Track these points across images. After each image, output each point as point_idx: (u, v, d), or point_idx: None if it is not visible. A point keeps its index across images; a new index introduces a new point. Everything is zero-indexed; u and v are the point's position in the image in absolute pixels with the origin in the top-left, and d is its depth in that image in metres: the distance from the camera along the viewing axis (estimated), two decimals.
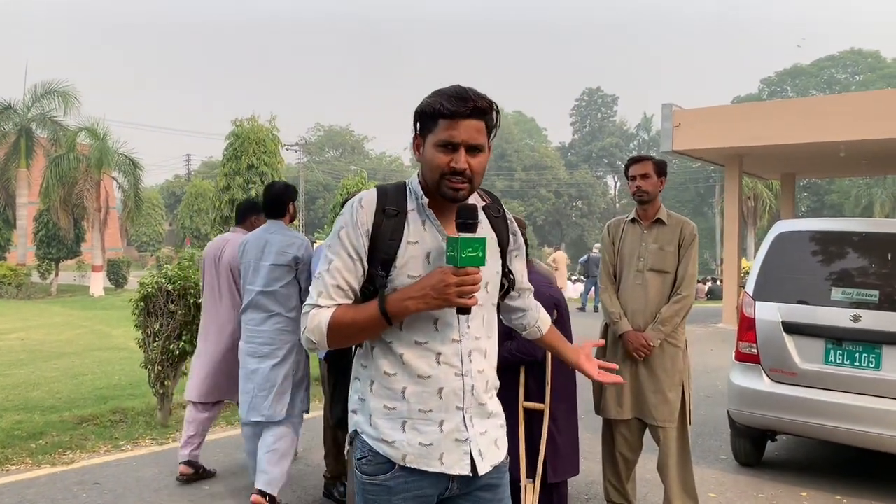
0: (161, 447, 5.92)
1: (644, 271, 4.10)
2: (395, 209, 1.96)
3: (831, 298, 5.06)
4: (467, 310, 1.88)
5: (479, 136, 1.90)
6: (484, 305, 2.00)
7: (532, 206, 66.12)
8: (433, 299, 1.84)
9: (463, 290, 1.81)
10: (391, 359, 1.95)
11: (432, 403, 1.94)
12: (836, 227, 5.49)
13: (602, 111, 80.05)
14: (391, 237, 1.94)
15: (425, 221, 1.97)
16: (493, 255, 2.04)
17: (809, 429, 5.01)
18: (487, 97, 1.91)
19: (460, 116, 1.87)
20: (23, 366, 11.23)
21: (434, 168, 1.91)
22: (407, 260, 1.93)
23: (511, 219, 2.19)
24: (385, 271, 1.93)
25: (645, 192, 4.10)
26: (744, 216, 31.37)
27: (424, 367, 1.93)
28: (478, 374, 1.98)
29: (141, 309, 6.79)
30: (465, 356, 1.96)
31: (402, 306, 1.86)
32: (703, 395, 8.23)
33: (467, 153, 1.89)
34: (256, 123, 21.86)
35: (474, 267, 1.81)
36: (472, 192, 1.94)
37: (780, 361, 5.11)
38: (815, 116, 14.45)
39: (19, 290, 25.98)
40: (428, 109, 1.91)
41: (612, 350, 4.17)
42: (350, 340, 1.98)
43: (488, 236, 1.99)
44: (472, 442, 1.96)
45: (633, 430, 4.14)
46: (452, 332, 1.95)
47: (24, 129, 28.81)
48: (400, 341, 1.94)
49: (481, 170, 1.94)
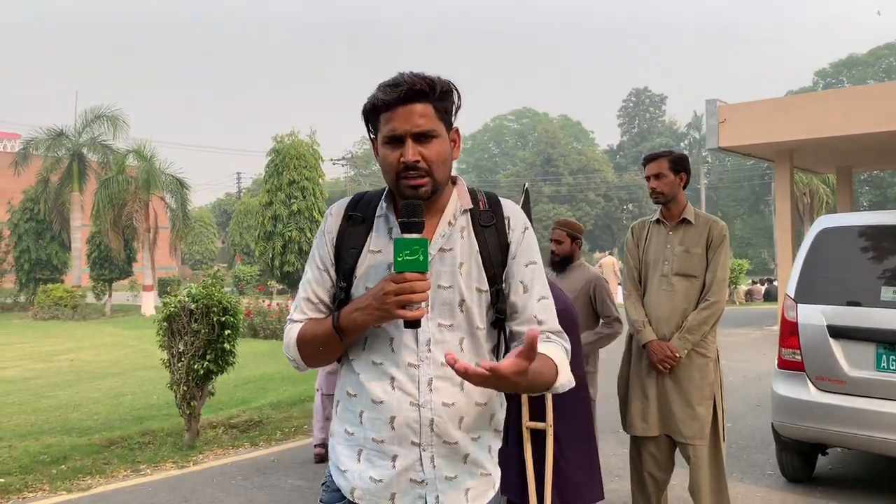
0: (181, 471, 5.79)
1: (670, 276, 3.79)
2: (360, 216, 1.79)
3: (881, 299, 4.65)
4: (415, 324, 1.62)
5: (426, 122, 1.67)
6: (458, 328, 1.72)
7: (581, 210, 65.24)
8: (374, 310, 1.62)
9: (401, 300, 1.57)
10: (353, 378, 1.77)
11: (385, 433, 1.70)
12: (883, 221, 5.05)
13: (650, 111, 78.74)
14: (353, 245, 1.77)
15: (391, 230, 1.76)
16: (475, 270, 1.75)
17: (861, 441, 4.61)
18: (428, 76, 1.68)
19: (397, 104, 1.66)
20: (68, 387, 11.37)
21: (388, 167, 1.71)
22: (366, 270, 1.74)
23: (518, 225, 1.81)
24: (346, 282, 1.76)
25: (661, 194, 3.80)
26: (800, 213, 30.29)
27: (378, 391, 1.71)
28: (442, 408, 1.69)
29: (165, 329, 6.72)
30: (424, 384, 1.69)
31: (350, 319, 1.67)
32: (753, 405, 7.80)
33: (416, 142, 1.66)
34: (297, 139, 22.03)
35: (417, 273, 1.57)
36: (436, 186, 1.69)
37: (826, 369, 4.71)
38: (868, 105, 13.73)
39: (75, 312, 26.58)
40: (368, 106, 1.73)
41: (637, 361, 3.87)
42: (319, 358, 1.81)
43: (468, 247, 1.74)
44: (430, 486, 1.70)
45: (662, 447, 3.81)
46: (409, 354, 1.71)
47: (76, 154, 29.56)
48: (360, 360, 1.76)
49: (441, 158, 1.69)
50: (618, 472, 5.10)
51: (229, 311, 6.57)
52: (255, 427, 7.31)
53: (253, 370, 11.44)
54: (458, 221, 1.78)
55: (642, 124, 78.03)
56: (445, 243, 1.74)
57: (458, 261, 1.74)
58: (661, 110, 79.11)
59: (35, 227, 30.94)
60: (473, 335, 1.75)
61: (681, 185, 3.82)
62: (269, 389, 9.81)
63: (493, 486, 1.81)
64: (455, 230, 1.76)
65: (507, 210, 1.83)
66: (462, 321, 1.73)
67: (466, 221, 1.78)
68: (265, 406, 8.43)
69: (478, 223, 1.79)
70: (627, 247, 4.05)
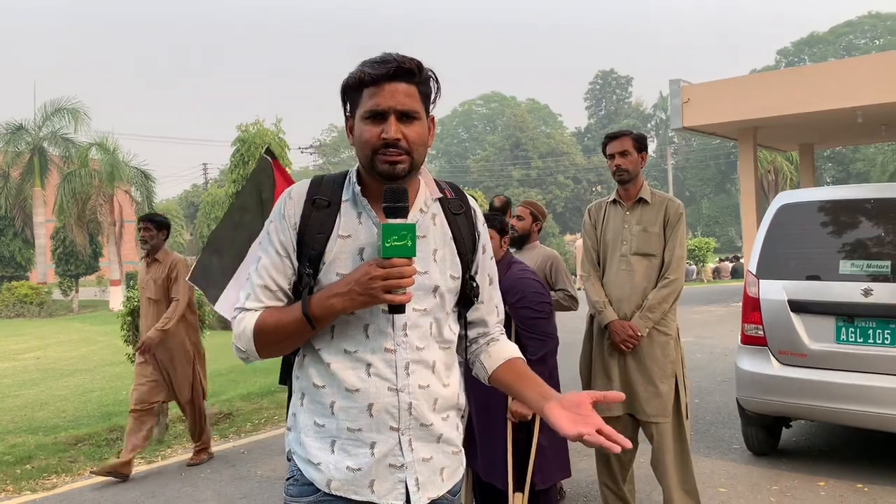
0: (149, 466, 5.73)
1: (628, 255, 3.80)
2: (325, 200, 1.74)
3: (840, 272, 4.72)
4: (400, 308, 1.61)
5: (411, 102, 1.66)
6: (431, 313, 1.74)
7: (551, 193, 65.52)
8: (358, 295, 1.59)
9: (389, 285, 1.56)
10: (320, 369, 1.72)
11: (362, 421, 1.68)
12: (842, 196, 5.13)
13: (617, 93, 79.14)
14: (319, 230, 1.71)
15: (361, 214, 1.73)
16: (449, 256, 1.78)
17: (823, 413, 4.69)
18: (416, 59, 1.68)
19: (384, 80, 1.64)
20: (34, 385, 11.18)
21: (364, 144, 1.68)
22: (336, 255, 1.70)
23: (478, 218, 1.88)
24: (313, 269, 1.71)
25: (625, 171, 3.79)
26: (764, 191, 30.66)
27: (353, 379, 1.68)
28: (419, 391, 1.71)
29: (129, 324, 6.63)
30: (402, 368, 1.69)
31: (326, 305, 1.63)
32: (719, 381, 7.90)
33: (399, 121, 1.65)
34: (262, 128, 21.72)
35: (403, 258, 1.56)
36: (413, 167, 1.68)
37: (788, 343, 4.78)
38: (828, 82, 13.93)
39: (41, 309, 26.14)
40: (351, 81, 1.70)
41: (599, 343, 3.88)
42: (279, 348, 1.74)
43: (441, 234, 1.77)
44: (409, 469, 1.70)
45: (626, 427, 3.82)
46: (385, 340, 1.69)
47: (36, 149, 29.01)
48: (329, 349, 1.71)
49: (420, 140, 1.69)
50: (585, 451, 5.13)
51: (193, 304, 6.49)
52: (225, 419, 7.26)
53: (223, 363, 11.31)
54: (430, 209, 1.79)
55: (609, 106, 78.39)
56: (419, 230, 1.72)
57: (433, 247, 1.75)
58: (628, 92, 79.58)
59: None
60: (440, 321, 1.77)
61: (642, 164, 3.83)
62: (239, 382, 9.74)
63: (462, 462, 1.85)
64: (427, 217, 1.76)
65: (470, 201, 1.89)
66: (434, 306, 1.74)
67: (438, 209, 1.80)
68: (235, 398, 8.36)
69: (449, 211, 1.82)
70: (585, 228, 4.06)
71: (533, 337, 3.44)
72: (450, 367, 1.81)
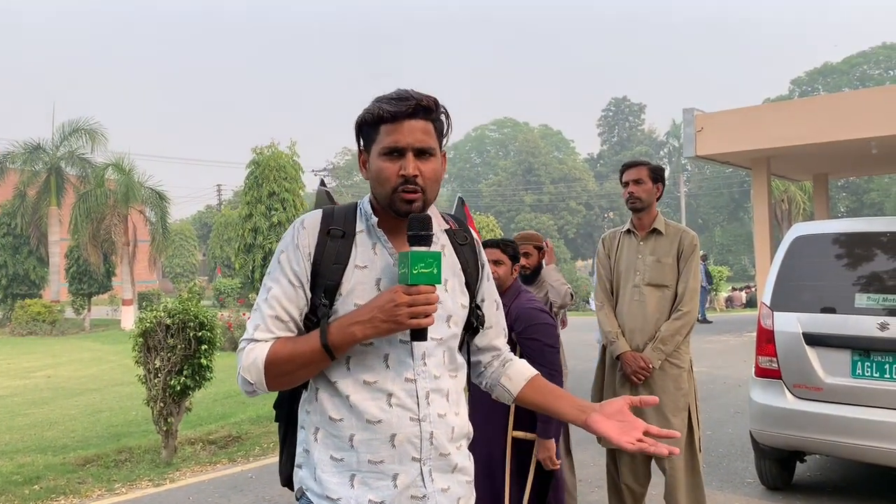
0: (157, 489, 5.70)
1: (641, 286, 3.79)
2: (340, 230, 1.75)
3: (855, 305, 4.67)
4: (422, 334, 1.62)
5: (427, 139, 1.69)
6: (445, 341, 1.76)
7: (562, 219, 65.50)
8: (382, 322, 1.60)
9: (415, 311, 1.57)
10: (337, 401, 1.70)
11: (384, 453, 1.67)
12: (857, 228, 5.10)
13: (630, 120, 79.25)
14: (335, 261, 1.71)
15: (376, 244, 1.75)
16: (458, 286, 1.81)
17: (838, 448, 4.62)
18: (433, 97, 1.71)
19: (403, 117, 1.67)
20: (44, 404, 11.21)
21: (383, 181, 1.69)
22: (353, 286, 1.70)
23: (480, 249, 1.94)
24: (329, 300, 1.70)
25: (638, 199, 3.80)
26: (778, 220, 30.56)
27: (374, 410, 1.67)
28: (438, 420, 1.71)
29: (141, 345, 6.64)
30: (423, 398, 1.70)
31: (346, 334, 1.62)
32: (732, 412, 7.81)
33: (416, 158, 1.68)
34: (276, 150, 21.92)
35: (429, 285, 1.58)
36: (426, 204, 1.71)
37: (803, 376, 4.73)
38: (843, 113, 13.90)
39: (53, 327, 26.22)
40: (368, 117, 1.72)
41: (611, 373, 3.86)
42: (291, 379, 1.72)
43: (450, 264, 1.80)
44: (431, 500, 1.70)
45: (638, 459, 3.80)
46: (406, 369, 1.70)
47: (53, 168, 29.24)
48: (346, 381, 1.69)
49: (435, 177, 1.71)
50: (597, 482, 5.07)
51: (206, 325, 6.51)
52: (234, 442, 7.24)
53: (232, 384, 11.30)
54: (440, 240, 1.81)
55: (622, 133, 78.49)
56: None
57: (444, 277, 1.76)
58: (641, 119, 79.66)
59: (12, 242, 30.49)
60: (452, 349, 1.80)
61: (657, 195, 3.84)
62: (248, 404, 9.71)
63: (473, 493, 1.85)
64: (436, 248, 1.76)
65: (471, 231, 1.94)
66: (448, 335, 1.77)
67: (446, 240, 1.84)
68: (244, 421, 8.34)
69: (455, 242, 1.86)
70: (598, 258, 4.05)
71: (541, 367, 3.41)
72: (459, 395, 1.83)
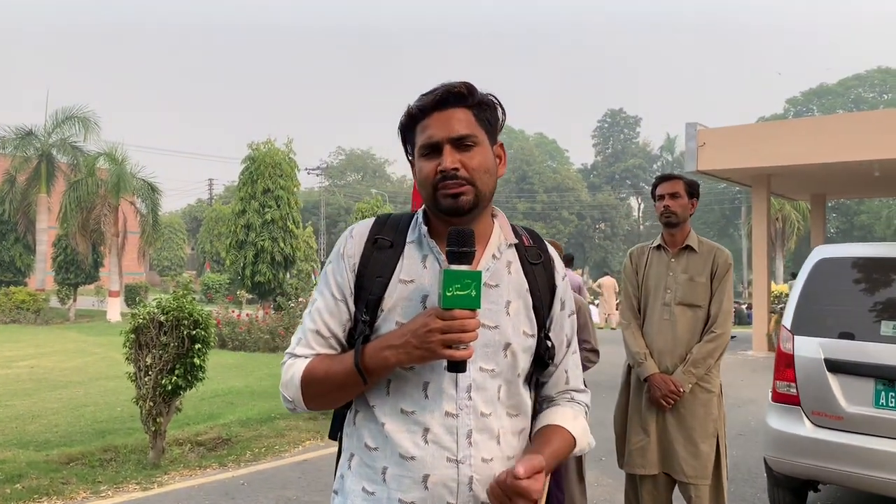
0: (144, 493, 5.48)
1: (672, 305, 3.61)
2: (388, 240, 1.57)
3: (881, 333, 4.52)
4: (460, 366, 1.42)
5: (464, 126, 1.50)
6: (501, 374, 1.54)
7: (554, 228, 65.47)
8: (414, 349, 1.42)
9: (449, 339, 1.37)
10: (374, 428, 1.53)
11: (415, 493, 1.48)
12: (883, 253, 4.95)
13: (625, 132, 79.40)
14: (379, 273, 1.54)
15: (427, 257, 1.56)
16: (523, 311, 1.58)
17: (857, 480, 4.46)
18: (466, 82, 1.52)
19: (432, 109, 1.51)
20: (26, 396, 10.92)
21: (424, 181, 1.52)
22: (396, 302, 1.52)
23: (559, 269, 1.68)
24: (370, 315, 1.52)
25: (673, 214, 3.62)
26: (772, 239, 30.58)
27: (408, 444, 1.49)
28: (482, 464, 1.50)
29: (132, 341, 6.41)
30: (463, 437, 1.49)
31: (379, 357, 1.45)
32: (734, 434, 7.64)
33: (456, 149, 1.49)
34: (272, 147, 21.69)
35: (466, 309, 1.37)
36: (478, 198, 1.51)
37: (823, 403, 4.57)
38: (848, 134, 13.83)
39: (37, 316, 25.82)
40: (404, 119, 1.57)
41: (637, 395, 3.67)
42: (328, 400, 1.57)
43: (516, 285, 1.57)
44: None
45: (661, 487, 3.62)
46: (446, 402, 1.50)
47: (44, 155, 28.85)
48: (385, 407, 1.52)
49: (483, 167, 1.52)
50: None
51: (200, 324, 6.29)
52: (223, 445, 7.01)
53: (220, 383, 11.06)
54: (504, 255, 1.59)
55: (616, 145, 78.63)
56: (490, 278, 1.54)
57: (506, 299, 1.56)
58: (636, 132, 79.84)
59: None
60: (512, 383, 1.57)
61: (691, 210, 3.67)
62: (236, 404, 9.49)
63: None
64: (500, 264, 1.57)
65: (550, 250, 1.69)
66: (504, 367, 1.55)
67: (513, 256, 1.61)
68: (233, 423, 8.11)
69: (525, 259, 1.62)
70: (626, 273, 3.88)
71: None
72: (518, 437, 1.59)
